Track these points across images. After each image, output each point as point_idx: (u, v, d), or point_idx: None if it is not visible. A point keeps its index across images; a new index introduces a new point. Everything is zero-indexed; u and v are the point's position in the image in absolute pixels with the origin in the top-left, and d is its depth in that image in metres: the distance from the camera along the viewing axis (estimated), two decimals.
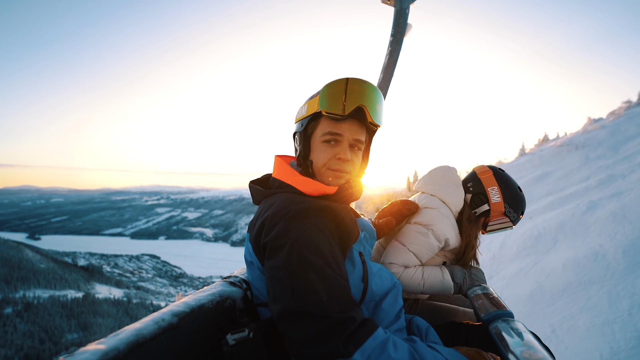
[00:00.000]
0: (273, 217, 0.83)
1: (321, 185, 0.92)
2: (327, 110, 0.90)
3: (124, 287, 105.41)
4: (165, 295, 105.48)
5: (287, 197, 0.88)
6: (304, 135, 0.97)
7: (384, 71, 1.74)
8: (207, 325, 0.77)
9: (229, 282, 0.95)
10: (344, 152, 0.94)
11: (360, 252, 0.93)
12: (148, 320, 0.66)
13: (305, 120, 0.97)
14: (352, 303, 0.74)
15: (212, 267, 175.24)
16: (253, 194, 1.02)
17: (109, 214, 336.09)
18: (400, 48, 1.64)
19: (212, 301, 0.82)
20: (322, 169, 0.95)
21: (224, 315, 0.84)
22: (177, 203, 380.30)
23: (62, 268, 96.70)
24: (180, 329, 0.70)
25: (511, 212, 1.43)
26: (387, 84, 1.79)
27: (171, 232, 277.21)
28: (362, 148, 1.00)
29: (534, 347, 0.67)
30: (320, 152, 0.95)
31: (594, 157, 11.06)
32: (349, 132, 0.94)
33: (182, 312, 0.73)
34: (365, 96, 0.91)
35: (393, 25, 1.52)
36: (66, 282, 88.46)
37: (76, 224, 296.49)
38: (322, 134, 0.94)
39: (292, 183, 0.93)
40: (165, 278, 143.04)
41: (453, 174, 1.51)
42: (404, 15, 1.47)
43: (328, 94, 0.91)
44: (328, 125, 0.93)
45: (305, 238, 0.76)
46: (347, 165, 0.95)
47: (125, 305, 77.94)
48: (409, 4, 1.42)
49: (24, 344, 57.25)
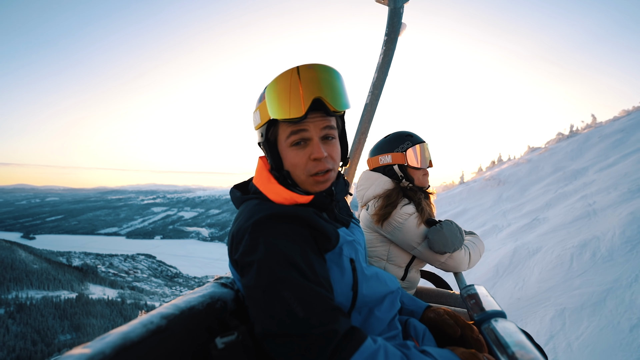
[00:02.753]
0: (238, 231, 0.76)
1: (293, 195, 0.82)
2: (279, 117, 0.78)
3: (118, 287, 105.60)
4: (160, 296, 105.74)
5: (254, 205, 0.81)
6: (268, 144, 0.86)
7: (378, 70, 1.75)
8: (197, 328, 0.74)
9: (220, 284, 0.91)
10: (317, 151, 0.81)
11: (351, 259, 0.85)
12: (136, 323, 0.63)
13: (263, 129, 0.85)
14: (334, 313, 0.67)
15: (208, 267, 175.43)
16: (232, 200, 0.92)
17: (105, 213, 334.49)
18: (395, 47, 1.64)
19: (202, 303, 0.78)
20: (303, 177, 0.84)
21: (215, 317, 0.80)
22: (174, 202, 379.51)
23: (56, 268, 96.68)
24: (169, 331, 0.67)
25: (402, 147, 1.55)
26: (381, 84, 1.80)
27: (167, 231, 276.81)
28: (336, 135, 0.87)
29: (525, 347, 0.66)
30: (292, 158, 0.83)
31: (504, 198, 10.43)
32: (314, 127, 0.81)
33: (171, 315, 0.69)
34: (319, 84, 0.78)
35: (387, 25, 1.52)
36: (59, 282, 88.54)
37: (71, 224, 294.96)
38: (286, 138, 0.82)
39: (263, 190, 0.84)
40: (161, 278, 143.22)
41: (370, 174, 1.64)
42: (398, 15, 1.46)
43: (274, 98, 0.78)
44: (289, 126, 0.81)
45: (273, 251, 0.70)
46: (327, 161, 0.83)
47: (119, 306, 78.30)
48: (402, 4, 1.41)
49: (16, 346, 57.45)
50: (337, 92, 0.80)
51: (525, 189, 10.65)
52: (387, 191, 1.56)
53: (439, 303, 1.48)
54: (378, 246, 1.57)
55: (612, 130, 13.52)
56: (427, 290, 1.77)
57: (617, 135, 12.29)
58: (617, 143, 11.48)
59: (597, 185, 7.35)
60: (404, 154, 1.54)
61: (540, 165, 12.43)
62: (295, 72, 0.77)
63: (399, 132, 1.61)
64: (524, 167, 12.97)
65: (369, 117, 1.98)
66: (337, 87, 0.80)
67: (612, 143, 11.72)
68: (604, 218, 5.37)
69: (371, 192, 1.59)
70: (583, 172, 9.49)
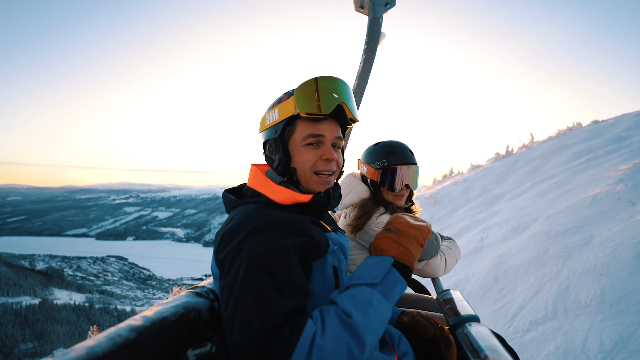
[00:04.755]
0: (231, 231, 0.77)
1: (293, 193, 0.87)
2: (306, 111, 0.86)
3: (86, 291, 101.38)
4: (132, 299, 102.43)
5: (252, 209, 0.82)
6: (281, 141, 0.91)
7: (358, 78, 1.79)
8: (169, 340, 0.70)
9: (195, 293, 0.86)
10: (329, 153, 0.90)
11: (334, 267, 0.86)
12: (101, 337, 0.60)
13: (279, 126, 0.91)
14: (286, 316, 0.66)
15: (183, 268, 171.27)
16: (225, 203, 0.95)
17: (73, 214, 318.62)
18: (375, 56, 1.67)
19: (175, 313, 0.74)
20: (309, 173, 0.90)
21: (188, 328, 0.76)
22: (147, 202, 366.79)
23: (17, 273, 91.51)
24: (139, 344, 0.63)
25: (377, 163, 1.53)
26: (361, 91, 1.83)
27: (140, 232, 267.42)
28: (342, 146, 0.97)
29: (497, 350, 0.67)
30: (304, 155, 0.89)
31: (435, 219, 10.21)
32: (330, 132, 0.91)
33: (141, 327, 0.65)
34: (341, 93, 0.89)
35: (367, 34, 1.56)
36: (21, 288, 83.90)
37: (35, 225, 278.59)
38: (302, 138, 0.89)
39: (264, 191, 0.88)
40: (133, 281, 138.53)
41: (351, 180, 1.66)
42: (378, 24, 1.50)
43: (303, 94, 0.86)
44: (308, 127, 0.89)
45: (254, 257, 0.70)
46: (333, 165, 0.93)
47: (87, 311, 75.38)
48: (382, 13, 1.45)
49: None
50: (353, 103, 0.93)
51: (453, 211, 10.58)
52: (362, 200, 1.58)
53: (417, 308, 1.52)
54: (357, 254, 1.58)
55: (536, 154, 13.38)
56: (405, 296, 1.77)
57: (538, 161, 12.21)
58: (534, 169, 11.41)
59: (499, 216, 7.43)
60: (378, 171, 1.54)
61: (472, 186, 12.42)
62: (327, 78, 0.88)
63: (388, 143, 1.58)
64: (459, 187, 12.79)
65: None
66: (352, 100, 0.94)
67: (531, 169, 11.61)
68: (483, 257, 5.35)
69: (348, 200, 1.62)
70: (500, 199, 9.55)
